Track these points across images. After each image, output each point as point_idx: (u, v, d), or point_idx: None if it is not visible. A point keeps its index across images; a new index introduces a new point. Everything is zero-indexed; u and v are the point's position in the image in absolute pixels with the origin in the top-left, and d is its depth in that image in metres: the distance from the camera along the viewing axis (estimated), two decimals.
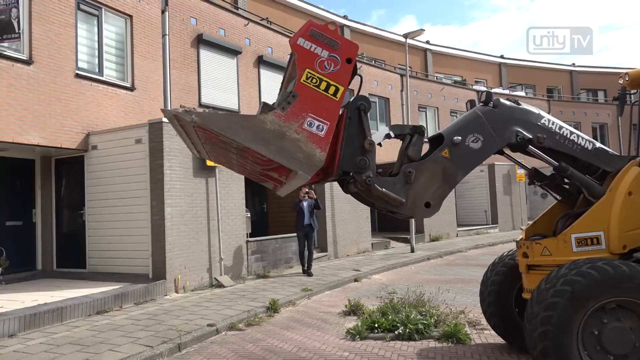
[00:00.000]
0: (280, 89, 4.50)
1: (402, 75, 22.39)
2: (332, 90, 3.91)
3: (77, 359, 5.49)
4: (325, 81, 3.90)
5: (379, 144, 4.41)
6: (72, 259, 10.50)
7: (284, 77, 4.43)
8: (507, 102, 4.91)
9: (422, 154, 4.59)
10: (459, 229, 21.33)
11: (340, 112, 4.10)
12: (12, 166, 10.46)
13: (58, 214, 10.89)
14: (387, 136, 4.57)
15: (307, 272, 11.64)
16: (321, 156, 3.84)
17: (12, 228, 10.38)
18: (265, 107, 4.04)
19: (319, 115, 3.84)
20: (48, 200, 10.87)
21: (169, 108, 3.77)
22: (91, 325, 7.01)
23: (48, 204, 10.86)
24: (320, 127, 3.84)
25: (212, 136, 3.81)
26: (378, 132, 4.60)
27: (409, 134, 4.63)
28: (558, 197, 5.57)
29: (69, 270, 10.43)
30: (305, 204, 11.68)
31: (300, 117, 3.80)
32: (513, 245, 5.85)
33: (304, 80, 3.86)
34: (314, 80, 3.88)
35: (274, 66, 15.80)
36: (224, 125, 3.71)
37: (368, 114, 4.34)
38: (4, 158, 10.22)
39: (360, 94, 4.51)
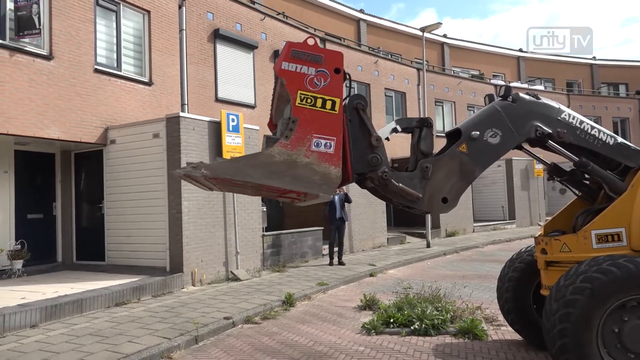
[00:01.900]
0: (272, 108, 4.43)
1: (418, 70, 22.21)
2: (329, 105, 3.87)
3: (97, 349, 5.58)
4: (320, 98, 3.86)
5: (387, 139, 4.38)
6: (91, 251, 10.68)
7: (273, 97, 4.35)
8: (527, 97, 4.84)
9: (434, 147, 4.56)
10: (475, 224, 21.15)
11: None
12: (33, 160, 10.65)
13: (78, 207, 11.06)
14: (394, 130, 4.53)
15: (339, 261, 12.18)
16: (337, 172, 3.83)
17: (34, 221, 10.58)
18: (269, 141, 3.99)
19: (323, 134, 3.82)
20: (68, 194, 11.06)
21: (178, 169, 3.88)
22: (110, 317, 7.12)
23: (68, 197, 11.05)
24: (328, 144, 3.82)
25: (226, 181, 3.82)
26: (385, 127, 4.56)
27: (417, 127, 4.58)
28: (578, 193, 5.48)
29: (88, 262, 10.61)
30: (336, 197, 12.03)
31: (306, 141, 3.78)
32: (530, 242, 5.79)
33: (299, 103, 3.82)
34: (309, 100, 3.84)
35: None
36: (233, 171, 3.73)
37: (367, 110, 4.28)
38: (25, 152, 10.40)
39: (356, 92, 4.44)
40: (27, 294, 7.72)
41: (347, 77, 4.07)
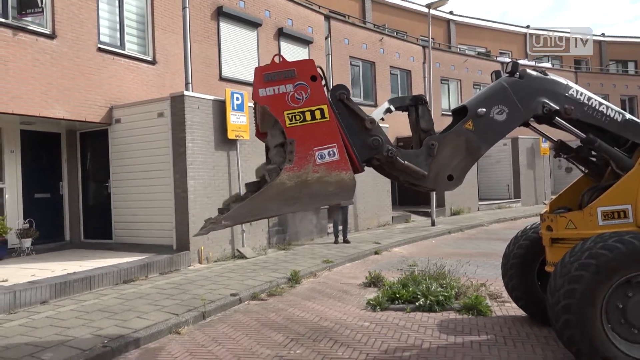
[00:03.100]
0: (256, 119, 4.36)
1: (424, 47, 21.97)
2: (318, 114, 3.85)
3: (107, 325, 5.68)
4: (307, 111, 3.84)
5: (382, 119, 4.39)
6: (98, 230, 10.78)
7: (256, 120, 4.30)
8: (534, 73, 4.79)
9: (434, 123, 4.55)
10: (480, 203, 21.16)
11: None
12: (39, 140, 10.68)
13: (84, 186, 11.13)
14: (388, 110, 4.52)
15: (344, 239, 12.30)
16: (349, 176, 3.87)
17: (41, 200, 10.66)
18: (272, 173, 3.93)
19: (323, 144, 3.83)
20: (74, 173, 11.11)
21: (200, 230, 3.99)
22: (118, 294, 7.22)
23: (74, 176, 11.11)
24: (332, 152, 3.84)
25: (248, 220, 3.85)
26: (378, 108, 4.54)
27: (411, 106, 4.57)
28: (584, 170, 5.46)
29: (96, 241, 10.72)
30: None
31: (309, 157, 3.79)
32: (535, 220, 5.79)
33: (289, 124, 3.82)
34: (297, 117, 3.83)
35: (294, 38, 15.66)
36: (252, 212, 3.84)
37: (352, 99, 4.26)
38: (31, 132, 10.43)
39: (333, 84, 4.41)
40: (36, 271, 7.83)
41: (323, 75, 4.03)
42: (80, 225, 11.07)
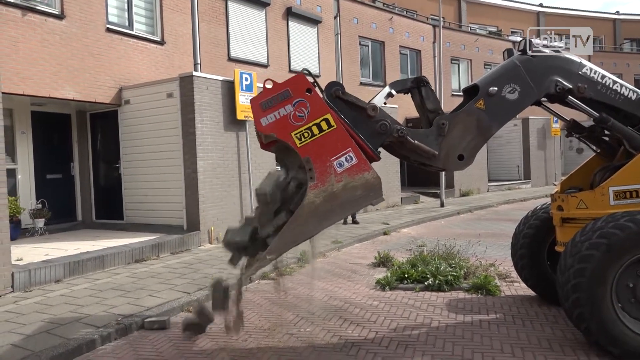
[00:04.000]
0: (260, 143, 4.30)
1: (434, 26, 21.67)
2: (324, 125, 3.87)
3: (120, 302, 5.78)
4: (313, 125, 3.85)
5: (385, 104, 4.39)
6: (110, 210, 10.90)
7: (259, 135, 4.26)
8: (547, 50, 4.72)
9: (439, 102, 4.53)
10: (490, 184, 21.07)
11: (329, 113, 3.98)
12: (50, 121, 10.74)
13: (95, 167, 11.22)
14: (389, 95, 4.51)
15: (353, 220, 12.32)
16: (372, 175, 3.89)
17: (53, 181, 10.78)
18: (295, 197, 3.99)
19: (338, 152, 3.85)
20: (85, 154, 11.19)
21: (250, 278, 4.17)
22: (131, 273, 7.33)
23: (85, 157, 11.19)
24: (349, 157, 3.86)
25: (290, 247, 4.07)
26: (379, 93, 4.52)
27: (413, 88, 4.56)
28: (597, 149, 5.41)
29: (107, 221, 10.85)
30: None
31: (329, 169, 3.83)
32: (545, 201, 5.77)
33: (300, 144, 3.84)
34: (306, 134, 3.84)
35: (303, 18, 15.49)
36: (292, 239, 3.92)
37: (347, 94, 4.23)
38: (42, 113, 10.49)
39: (320, 85, 4.36)
40: (50, 250, 7.96)
41: (313, 80, 4.04)
42: (91, 206, 11.19)
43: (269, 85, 3.92)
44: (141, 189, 10.34)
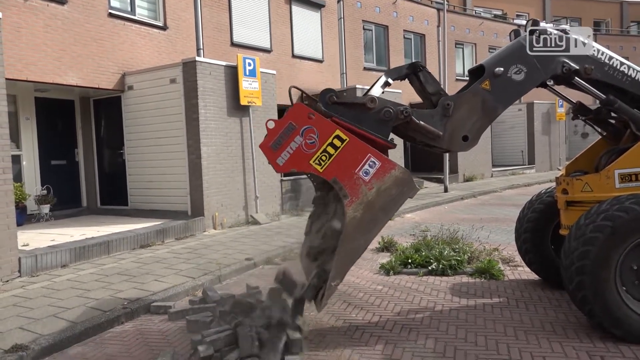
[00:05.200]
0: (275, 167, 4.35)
1: (438, 10, 21.42)
2: (337, 142, 3.90)
3: (126, 287, 5.83)
4: (327, 146, 3.90)
5: (382, 92, 4.39)
6: (114, 196, 10.95)
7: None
8: (555, 31, 4.66)
9: (439, 84, 4.51)
10: (494, 169, 20.99)
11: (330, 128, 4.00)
12: (54, 107, 10.74)
13: (99, 153, 11.24)
14: (386, 84, 4.50)
15: None
16: (399, 170, 3.93)
17: (57, 167, 10.81)
18: (334, 220, 4.14)
19: (360, 162, 3.89)
20: (89, 140, 11.20)
21: (318, 305, 4.33)
22: (136, 258, 7.38)
23: (89, 143, 11.20)
24: (372, 163, 3.90)
25: (350, 267, 4.17)
26: (375, 83, 4.51)
27: (410, 74, 4.56)
28: (602, 132, 5.37)
29: (112, 207, 10.90)
30: None
31: (357, 181, 3.88)
32: (550, 186, 5.74)
33: (322, 169, 3.90)
34: (324, 158, 3.90)
35: (306, 2, 15.35)
36: (348, 259, 4.03)
37: (342, 95, 4.27)
38: (45, 99, 10.48)
39: (310, 95, 4.47)
40: (55, 236, 8.01)
41: (301, 93, 4.12)
42: (96, 192, 11.24)
43: (270, 126, 3.96)
44: (145, 175, 10.37)
